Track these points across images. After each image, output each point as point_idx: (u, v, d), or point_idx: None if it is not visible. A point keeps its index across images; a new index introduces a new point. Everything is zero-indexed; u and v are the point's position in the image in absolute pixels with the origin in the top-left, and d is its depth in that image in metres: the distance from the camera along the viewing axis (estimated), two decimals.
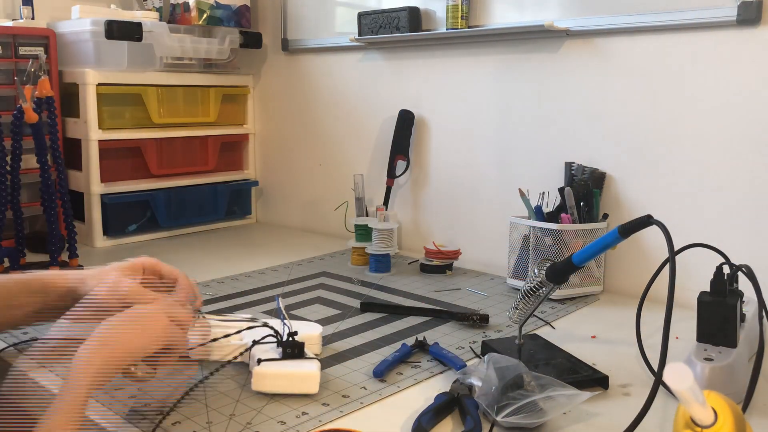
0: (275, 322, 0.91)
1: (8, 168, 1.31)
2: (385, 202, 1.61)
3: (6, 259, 1.33)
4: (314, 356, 0.86)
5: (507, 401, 0.74)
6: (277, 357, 0.84)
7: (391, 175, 1.61)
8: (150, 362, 0.76)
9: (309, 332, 0.93)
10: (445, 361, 0.91)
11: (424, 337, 0.98)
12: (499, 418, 0.73)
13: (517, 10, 1.39)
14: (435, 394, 0.84)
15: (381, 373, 0.88)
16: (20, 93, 1.28)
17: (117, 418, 0.77)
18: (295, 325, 0.95)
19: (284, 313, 0.90)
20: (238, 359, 0.88)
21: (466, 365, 0.87)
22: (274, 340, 0.87)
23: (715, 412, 0.54)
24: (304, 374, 0.81)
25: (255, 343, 0.87)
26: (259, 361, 0.83)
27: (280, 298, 0.94)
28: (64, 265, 1.34)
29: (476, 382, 0.80)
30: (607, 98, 1.29)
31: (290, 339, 0.85)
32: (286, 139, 1.91)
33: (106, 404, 0.79)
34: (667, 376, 0.49)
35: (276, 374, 0.82)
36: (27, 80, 1.32)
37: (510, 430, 0.75)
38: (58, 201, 1.33)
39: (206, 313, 0.99)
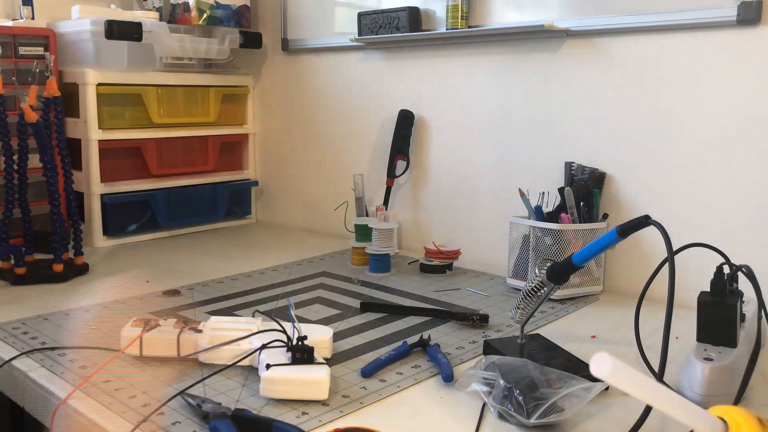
0: (285, 326, 0.89)
1: (15, 167, 1.31)
2: (385, 202, 1.61)
3: (12, 257, 1.32)
4: (323, 361, 0.85)
5: (534, 402, 0.74)
6: (287, 362, 0.83)
7: (391, 175, 1.61)
8: None
9: (319, 336, 0.92)
10: (435, 364, 0.90)
11: (429, 336, 0.98)
12: (532, 421, 0.73)
13: (517, 10, 1.39)
14: (435, 393, 0.84)
15: (369, 372, 0.87)
16: (19, 93, 1.28)
17: (117, 418, 0.77)
18: (305, 329, 0.94)
19: (294, 316, 0.88)
20: (245, 362, 0.88)
21: (452, 375, 0.86)
22: (283, 344, 0.86)
23: (724, 421, 0.51)
24: (314, 380, 0.80)
25: (264, 347, 0.86)
26: (268, 366, 0.82)
27: (292, 302, 0.92)
28: (68, 263, 1.34)
29: (481, 388, 0.79)
30: (607, 98, 1.29)
31: (300, 343, 0.84)
32: (286, 139, 1.91)
33: (107, 404, 0.79)
34: (592, 369, 0.47)
35: (286, 380, 0.81)
36: (32, 80, 1.32)
37: (533, 429, 0.75)
38: (62, 200, 1.34)
39: (212, 314, 0.99)
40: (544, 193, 1.29)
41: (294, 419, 0.76)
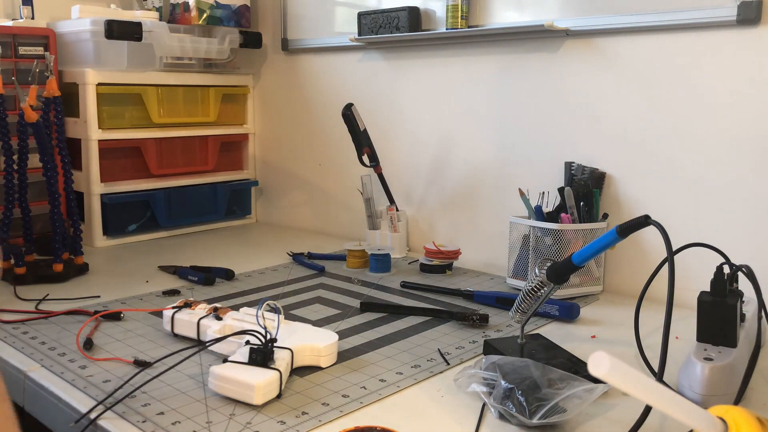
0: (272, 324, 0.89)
1: (15, 167, 1.31)
2: (390, 198, 1.58)
3: (12, 257, 1.32)
4: (276, 368, 0.82)
5: (537, 403, 0.74)
6: (244, 361, 0.82)
7: (375, 161, 1.55)
8: None
9: (315, 342, 0.91)
10: None
11: None
12: (534, 421, 0.73)
13: (517, 10, 1.39)
14: (435, 393, 0.84)
15: None
16: (19, 93, 1.28)
17: (116, 418, 0.77)
18: (310, 332, 0.94)
19: (260, 317, 0.87)
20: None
21: None
22: (258, 343, 0.85)
23: (724, 421, 0.51)
24: (248, 384, 0.79)
25: (248, 343, 0.86)
26: (225, 360, 0.83)
27: (267, 303, 0.90)
28: (68, 263, 1.34)
29: (481, 388, 0.79)
30: (607, 98, 1.29)
31: (267, 345, 0.83)
32: (286, 139, 1.91)
33: (108, 404, 0.80)
34: (590, 368, 0.47)
35: (226, 378, 0.80)
36: (32, 80, 1.32)
37: (534, 429, 0.75)
38: (62, 200, 1.34)
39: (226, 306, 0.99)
40: (544, 193, 1.29)
41: (294, 419, 0.76)
